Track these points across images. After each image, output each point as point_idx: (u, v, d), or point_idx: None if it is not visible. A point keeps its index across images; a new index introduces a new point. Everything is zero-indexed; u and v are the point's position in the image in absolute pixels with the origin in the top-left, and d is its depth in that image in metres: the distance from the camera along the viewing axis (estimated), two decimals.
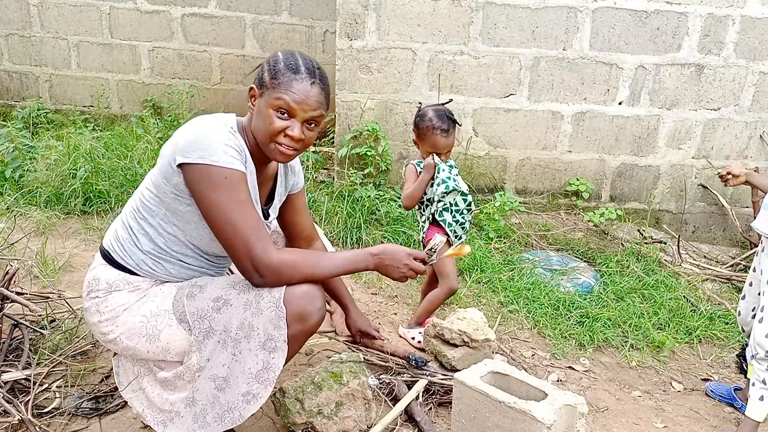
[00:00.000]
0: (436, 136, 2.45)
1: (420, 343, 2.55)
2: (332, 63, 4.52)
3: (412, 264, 1.72)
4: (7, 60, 5.35)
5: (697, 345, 2.92)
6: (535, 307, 3.01)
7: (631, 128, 4.04)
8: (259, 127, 1.61)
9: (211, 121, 1.59)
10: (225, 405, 1.59)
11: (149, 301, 1.64)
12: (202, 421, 1.60)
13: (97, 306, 1.66)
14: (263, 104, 1.59)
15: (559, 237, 3.89)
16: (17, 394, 1.95)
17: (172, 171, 1.54)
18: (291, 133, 1.58)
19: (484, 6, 3.78)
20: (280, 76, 1.57)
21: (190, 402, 1.61)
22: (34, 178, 3.73)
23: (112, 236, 1.71)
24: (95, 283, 1.67)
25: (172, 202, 1.59)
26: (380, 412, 2.04)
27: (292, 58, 1.61)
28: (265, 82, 1.59)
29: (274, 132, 1.58)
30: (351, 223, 3.60)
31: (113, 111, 5.42)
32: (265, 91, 1.59)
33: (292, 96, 1.56)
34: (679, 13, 3.81)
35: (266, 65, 1.62)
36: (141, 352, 1.65)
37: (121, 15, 5.18)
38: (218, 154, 1.50)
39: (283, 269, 1.54)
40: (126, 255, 1.66)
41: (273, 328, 1.56)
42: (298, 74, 1.57)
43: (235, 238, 1.52)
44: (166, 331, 1.62)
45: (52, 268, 2.84)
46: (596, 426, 2.25)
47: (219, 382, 1.59)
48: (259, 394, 1.60)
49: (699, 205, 4.22)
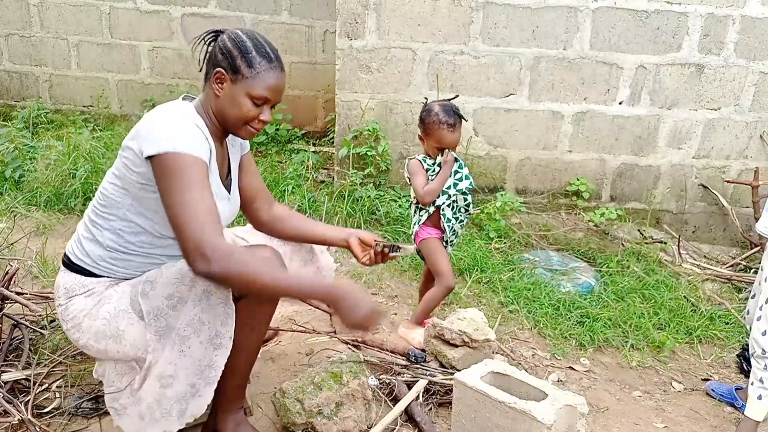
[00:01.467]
0: (442, 130, 2.42)
1: (420, 343, 2.55)
2: (332, 63, 4.52)
3: (369, 319, 1.54)
4: (7, 60, 5.35)
5: (697, 345, 2.92)
6: (535, 307, 3.01)
7: (631, 128, 4.04)
8: (231, 112, 1.64)
9: (172, 109, 1.60)
10: (172, 398, 1.59)
11: (106, 303, 1.64)
12: (150, 419, 1.60)
13: (62, 314, 1.68)
14: (238, 92, 1.61)
15: (560, 237, 3.88)
16: (17, 394, 1.95)
17: (139, 161, 1.54)
18: (263, 118, 1.67)
19: (484, 6, 3.78)
20: (256, 66, 1.60)
21: (136, 400, 1.61)
22: (34, 178, 3.73)
23: (73, 239, 1.72)
24: (56, 291, 1.69)
25: (138, 191, 1.59)
26: (380, 412, 2.04)
27: (259, 44, 1.63)
28: (240, 70, 1.60)
29: (250, 118, 1.64)
30: (351, 223, 3.60)
31: (113, 111, 5.42)
32: (239, 79, 1.60)
33: (269, 86, 1.62)
34: (679, 13, 3.81)
35: (234, 50, 1.61)
36: (113, 354, 1.65)
37: (121, 15, 5.18)
38: (181, 141, 1.50)
39: (232, 258, 1.45)
40: (84, 254, 1.66)
41: (220, 324, 1.58)
42: (271, 63, 1.63)
43: (188, 219, 1.46)
44: (129, 330, 1.61)
45: (52, 268, 2.84)
46: (596, 426, 2.24)
47: (165, 380, 1.58)
48: (202, 392, 1.61)
49: (699, 205, 4.22)
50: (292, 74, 5.20)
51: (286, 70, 1.79)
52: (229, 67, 1.61)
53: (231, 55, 1.61)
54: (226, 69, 1.61)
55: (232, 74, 1.61)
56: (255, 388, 2.13)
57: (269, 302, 1.73)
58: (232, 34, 1.65)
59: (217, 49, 1.64)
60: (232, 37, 1.64)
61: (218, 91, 1.64)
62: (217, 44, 1.65)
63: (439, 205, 2.49)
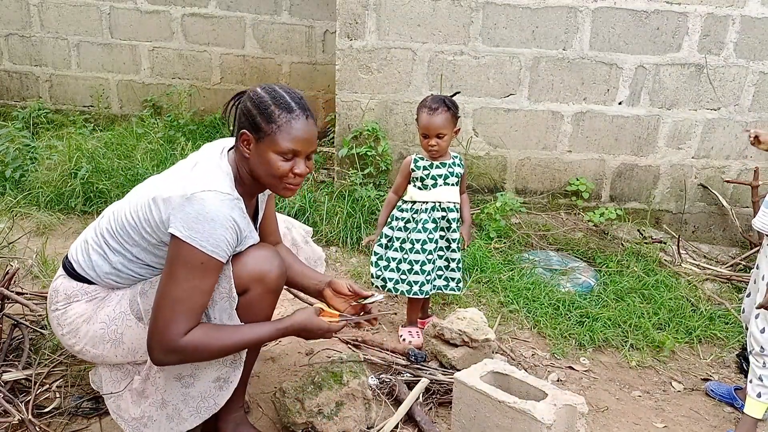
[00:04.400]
0: (423, 112, 2.43)
1: (410, 343, 2.55)
2: (332, 63, 4.53)
3: (327, 333, 1.71)
4: (7, 60, 5.35)
5: (697, 345, 2.92)
6: (535, 307, 3.01)
7: (631, 128, 4.04)
8: (263, 172, 1.60)
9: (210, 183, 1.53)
10: (197, 397, 1.62)
11: (105, 306, 1.65)
12: (178, 419, 1.62)
13: (58, 319, 1.67)
14: (263, 150, 1.57)
15: (559, 237, 3.89)
16: (17, 394, 1.95)
17: (162, 228, 1.54)
18: (298, 171, 1.60)
19: (484, 6, 3.78)
20: (276, 119, 1.55)
21: (161, 404, 1.62)
22: (34, 178, 3.74)
23: (80, 248, 1.70)
24: (55, 296, 1.68)
25: (153, 248, 1.61)
26: (380, 412, 2.04)
27: (278, 95, 1.58)
28: (261, 127, 1.55)
29: (282, 175, 1.58)
30: (351, 223, 3.60)
31: (113, 111, 5.42)
32: (263, 137, 1.56)
33: (294, 138, 1.56)
34: (679, 13, 3.81)
35: (254, 108, 1.57)
36: (110, 358, 1.66)
37: (121, 15, 5.18)
38: (209, 241, 1.48)
39: (184, 354, 1.51)
40: (90, 267, 1.66)
41: (227, 318, 1.60)
42: (292, 113, 1.56)
43: (166, 312, 1.48)
44: (127, 333, 1.63)
45: (52, 268, 2.85)
46: (596, 426, 2.25)
47: (185, 380, 1.61)
48: (230, 378, 1.64)
49: (699, 205, 4.22)
50: (292, 74, 5.20)
51: (286, 71, 1.78)
52: (251, 127, 1.57)
53: (251, 115, 1.57)
54: (248, 129, 1.58)
55: (255, 133, 1.57)
56: (255, 388, 2.14)
57: (269, 301, 1.74)
58: (251, 93, 1.61)
59: (240, 111, 1.61)
60: (251, 95, 1.60)
61: (246, 153, 1.60)
62: (239, 106, 1.62)
63: None
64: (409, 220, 2.53)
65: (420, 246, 2.49)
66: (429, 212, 2.50)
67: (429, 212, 2.50)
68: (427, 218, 2.49)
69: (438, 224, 2.52)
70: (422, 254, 2.50)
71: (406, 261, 2.52)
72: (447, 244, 2.58)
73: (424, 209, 2.50)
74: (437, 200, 2.50)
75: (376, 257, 2.58)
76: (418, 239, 2.50)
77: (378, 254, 2.58)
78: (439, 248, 2.57)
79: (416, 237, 2.50)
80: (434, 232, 2.51)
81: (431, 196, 2.49)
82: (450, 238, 2.57)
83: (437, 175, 2.49)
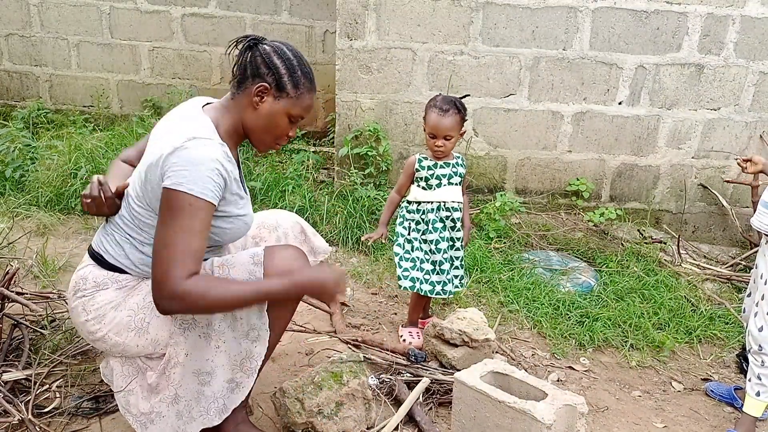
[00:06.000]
0: (432, 112, 2.40)
1: (410, 344, 2.55)
2: (332, 63, 4.53)
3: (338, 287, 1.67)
4: (7, 60, 5.35)
5: (697, 345, 2.93)
6: (535, 307, 3.01)
7: (631, 128, 4.04)
8: (263, 125, 1.64)
9: (203, 141, 1.53)
10: (210, 396, 1.61)
11: (135, 294, 1.64)
12: (188, 417, 1.61)
13: (84, 305, 1.65)
14: (278, 109, 1.62)
15: (559, 237, 3.89)
16: (17, 394, 1.95)
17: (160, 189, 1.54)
18: (292, 135, 1.70)
19: (484, 6, 3.78)
20: (301, 87, 1.62)
21: (173, 400, 1.61)
22: (34, 178, 3.73)
23: (105, 240, 1.68)
24: (82, 283, 1.66)
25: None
26: (380, 412, 2.04)
27: (303, 63, 1.64)
28: (286, 89, 1.60)
29: (281, 135, 1.67)
30: (351, 223, 3.60)
31: (113, 111, 5.41)
32: (283, 97, 1.61)
33: (307, 107, 1.66)
34: (679, 13, 3.81)
35: (282, 67, 1.59)
36: (130, 348, 1.65)
37: (121, 15, 5.18)
38: (196, 183, 1.48)
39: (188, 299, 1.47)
40: (124, 256, 1.65)
41: (256, 318, 1.61)
42: (312, 84, 1.65)
43: (164, 256, 1.48)
44: (154, 322, 1.62)
45: (52, 268, 2.85)
46: (596, 426, 2.25)
47: (203, 377, 1.60)
48: (243, 383, 1.64)
49: (699, 205, 4.22)
50: None
51: None
52: (274, 83, 1.60)
53: (278, 72, 1.59)
54: (270, 84, 1.59)
55: (276, 91, 1.60)
56: (255, 388, 2.13)
57: (287, 309, 1.73)
58: (277, 48, 1.62)
59: (259, 60, 1.60)
60: (277, 51, 1.61)
61: (257, 104, 1.61)
62: (259, 54, 1.61)
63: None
64: (419, 222, 2.53)
65: (435, 246, 2.50)
66: (435, 212, 2.50)
67: (435, 212, 2.50)
68: (435, 218, 2.50)
69: (445, 224, 2.53)
70: (438, 254, 2.51)
71: (428, 261, 2.53)
72: (451, 243, 2.58)
73: (431, 209, 2.50)
74: (442, 200, 2.50)
75: (398, 257, 2.57)
76: (431, 240, 2.50)
77: (398, 254, 2.57)
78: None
79: (429, 238, 2.50)
80: (444, 231, 2.52)
81: (435, 196, 2.49)
82: (454, 237, 2.57)
83: (441, 175, 2.49)
